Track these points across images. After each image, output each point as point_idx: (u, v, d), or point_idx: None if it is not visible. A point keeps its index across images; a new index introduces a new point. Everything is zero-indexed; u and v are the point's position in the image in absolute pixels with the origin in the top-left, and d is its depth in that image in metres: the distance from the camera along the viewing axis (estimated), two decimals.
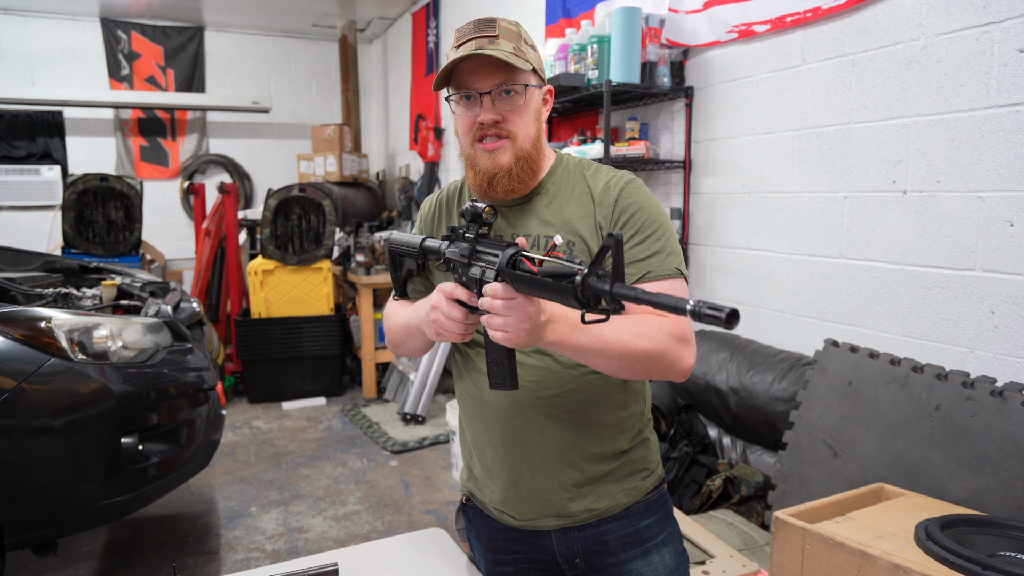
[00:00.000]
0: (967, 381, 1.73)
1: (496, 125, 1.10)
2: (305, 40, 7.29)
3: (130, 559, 2.80)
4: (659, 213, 1.14)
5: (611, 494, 1.18)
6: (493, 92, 1.09)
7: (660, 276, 1.08)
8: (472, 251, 1.01)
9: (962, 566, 1.30)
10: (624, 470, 1.20)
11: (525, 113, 1.11)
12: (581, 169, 1.19)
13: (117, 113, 6.67)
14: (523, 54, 1.10)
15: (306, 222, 5.03)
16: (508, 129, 1.10)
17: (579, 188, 1.17)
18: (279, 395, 4.98)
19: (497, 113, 1.09)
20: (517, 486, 1.18)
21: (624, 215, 1.11)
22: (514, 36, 1.11)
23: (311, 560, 1.30)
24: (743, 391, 2.41)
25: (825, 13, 2.24)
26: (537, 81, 1.13)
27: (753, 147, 2.60)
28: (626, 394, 1.18)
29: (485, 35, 1.09)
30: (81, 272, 3.49)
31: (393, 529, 3.09)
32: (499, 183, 1.12)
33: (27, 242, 5.59)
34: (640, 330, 1.00)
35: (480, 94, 1.09)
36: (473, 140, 1.12)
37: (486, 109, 1.09)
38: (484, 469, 1.24)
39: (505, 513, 1.21)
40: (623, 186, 1.14)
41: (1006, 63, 1.76)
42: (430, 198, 1.33)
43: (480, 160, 1.12)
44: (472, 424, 1.25)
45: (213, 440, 2.76)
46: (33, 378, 2.18)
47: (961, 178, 1.89)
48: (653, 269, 1.09)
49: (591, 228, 1.13)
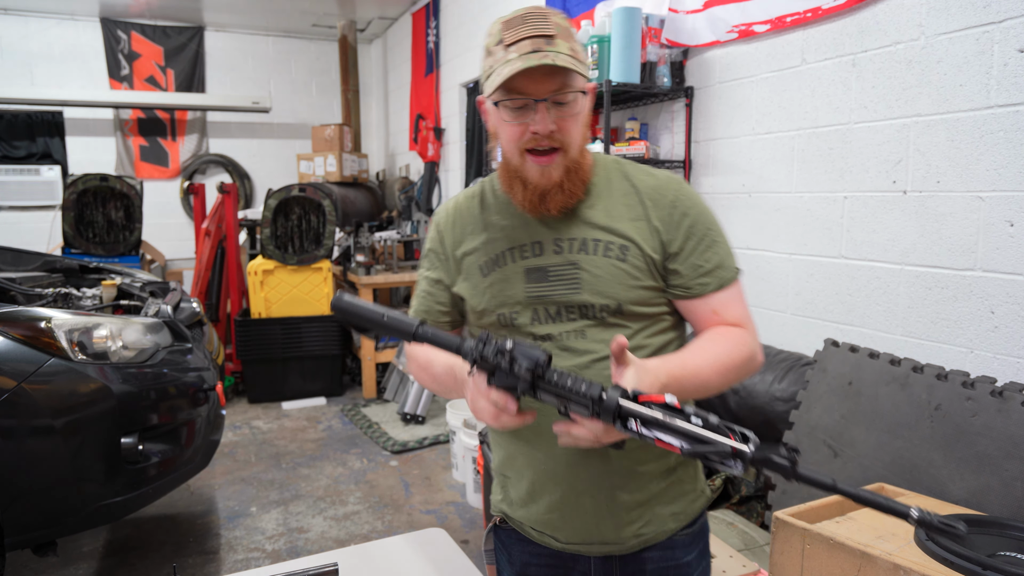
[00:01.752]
0: (967, 381, 1.73)
1: (551, 136, 1.01)
2: (305, 40, 7.29)
3: (130, 559, 2.80)
4: (711, 215, 1.11)
5: (660, 518, 1.12)
6: (549, 99, 0.99)
7: (729, 282, 1.08)
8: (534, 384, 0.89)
9: (962, 566, 1.30)
10: (673, 491, 1.13)
11: (579, 120, 1.04)
12: (619, 167, 1.13)
13: (117, 113, 6.67)
14: (578, 55, 1.01)
15: (306, 222, 5.03)
16: (561, 139, 1.02)
17: (621, 187, 1.10)
18: (279, 395, 4.98)
19: (553, 122, 1.00)
20: (562, 508, 1.11)
21: (686, 220, 1.07)
22: (568, 33, 1.01)
23: (311, 560, 1.30)
24: (743, 391, 2.41)
25: (825, 13, 2.24)
26: (585, 81, 1.04)
27: (753, 147, 2.60)
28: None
29: (541, 34, 0.98)
30: (81, 272, 3.49)
31: (393, 529, 3.09)
32: (552, 199, 1.05)
33: (27, 242, 5.58)
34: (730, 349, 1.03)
35: (535, 101, 0.99)
36: (521, 150, 1.03)
37: (542, 119, 1.00)
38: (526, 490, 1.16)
39: (547, 535, 1.14)
40: (677, 188, 1.10)
41: (1006, 63, 1.76)
42: (445, 211, 1.22)
43: (530, 174, 1.04)
44: (511, 444, 1.17)
45: (213, 440, 2.76)
46: (33, 378, 2.18)
47: (961, 178, 1.89)
48: (724, 276, 1.08)
49: (644, 231, 1.07)
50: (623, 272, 1.05)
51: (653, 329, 1.09)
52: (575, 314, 1.06)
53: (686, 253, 1.07)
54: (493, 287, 1.10)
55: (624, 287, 1.05)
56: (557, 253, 1.08)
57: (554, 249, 1.08)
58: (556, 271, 1.07)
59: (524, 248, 1.10)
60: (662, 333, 1.10)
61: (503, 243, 1.11)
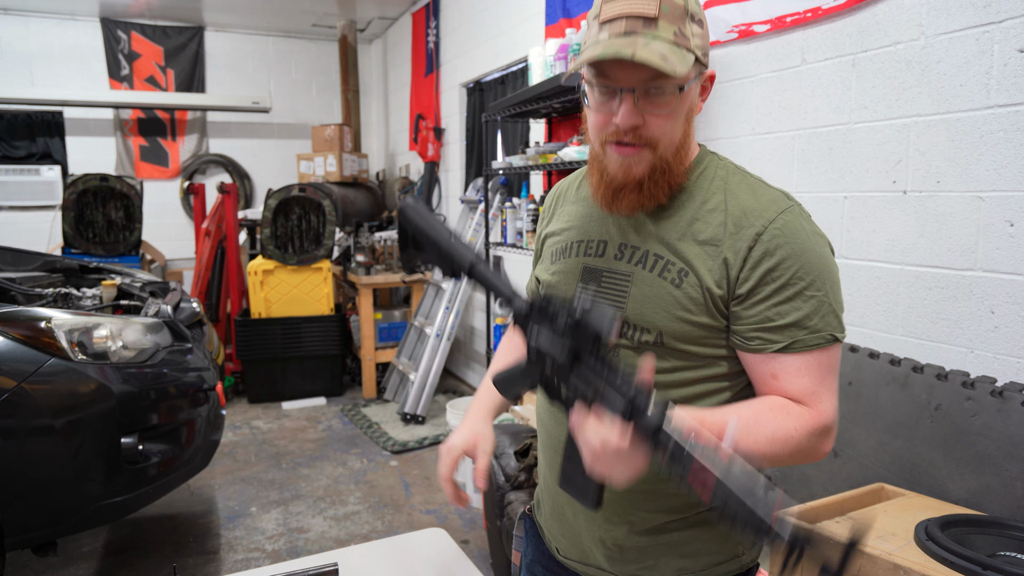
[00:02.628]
0: (967, 381, 1.73)
1: (634, 131, 0.88)
2: (305, 40, 7.29)
3: (130, 559, 2.80)
4: (816, 258, 0.88)
5: (665, 567, 0.98)
6: (638, 90, 0.86)
7: (808, 347, 0.87)
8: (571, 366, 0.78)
9: (962, 566, 1.30)
10: (688, 547, 0.98)
11: (674, 116, 0.88)
12: (726, 175, 0.95)
13: (117, 113, 6.67)
14: (686, 41, 0.85)
15: (306, 222, 5.03)
16: (649, 136, 0.88)
17: (714, 202, 0.92)
18: (279, 395, 4.98)
19: (639, 116, 0.87)
20: (560, 520, 1.07)
21: (768, 260, 0.87)
22: (679, 14, 0.85)
23: (311, 560, 1.29)
24: None
25: (825, 13, 2.24)
26: (697, 70, 0.89)
27: (753, 147, 2.60)
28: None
29: (639, 15, 0.83)
30: (81, 272, 3.49)
31: (393, 529, 3.08)
32: (625, 197, 0.92)
33: (27, 242, 5.58)
34: (775, 433, 0.83)
35: (622, 91, 0.86)
36: (604, 141, 0.91)
37: (626, 111, 0.86)
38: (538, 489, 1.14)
39: (552, 544, 1.11)
40: (772, 218, 0.88)
41: (1006, 63, 1.76)
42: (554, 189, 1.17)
43: (610, 163, 0.91)
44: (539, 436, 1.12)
45: (213, 440, 2.76)
46: (33, 378, 2.18)
47: (961, 178, 1.89)
48: (800, 338, 0.87)
49: (710, 262, 0.89)
50: (674, 300, 0.90)
51: (699, 373, 0.93)
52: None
53: (757, 299, 0.88)
54: (554, 276, 1.03)
55: (670, 317, 0.90)
56: (617, 259, 0.96)
57: (616, 254, 0.97)
58: (610, 278, 0.96)
59: (590, 244, 1.00)
60: (710, 381, 0.93)
61: (575, 233, 1.03)
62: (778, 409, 0.86)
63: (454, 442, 1.10)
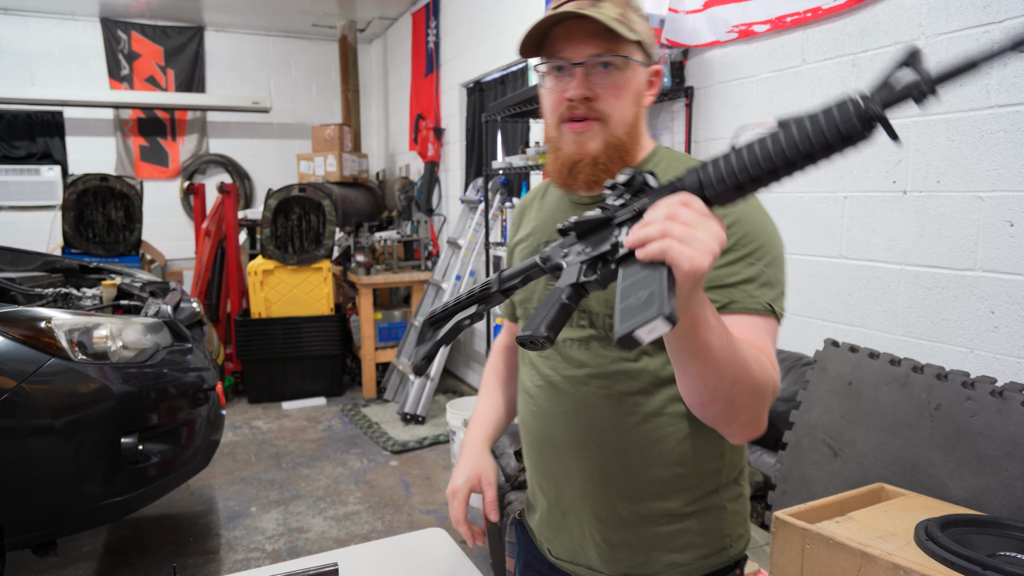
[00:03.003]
0: (967, 381, 1.73)
1: (586, 103, 0.92)
2: (305, 40, 7.29)
3: (130, 559, 2.80)
4: (764, 231, 0.92)
5: (655, 562, 0.99)
6: (588, 63, 0.90)
7: (745, 309, 0.88)
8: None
9: (962, 566, 1.30)
10: (678, 540, 0.99)
11: (623, 92, 0.92)
12: (681, 163, 1.00)
13: (117, 113, 6.67)
14: (630, 23, 0.91)
15: (306, 222, 5.03)
16: (600, 109, 0.92)
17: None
18: (279, 395, 4.98)
19: (589, 89, 0.91)
20: (550, 521, 1.08)
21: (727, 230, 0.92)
22: (622, 1, 0.92)
23: (311, 560, 1.29)
24: None
25: (825, 13, 2.24)
26: (643, 57, 0.94)
27: None
28: (689, 447, 0.97)
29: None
30: (81, 272, 3.49)
31: (393, 529, 3.09)
32: (581, 172, 0.95)
33: (27, 242, 5.58)
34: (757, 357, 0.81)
35: (572, 64, 0.91)
36: (559, 120, 0.95)
37: (577, 83, 0.91)
38: (528, 493, 1.15)
39: (544, 545, 1.12)
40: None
41: (1006, 63, 1.76)
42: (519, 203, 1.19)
43: (565, 143, 0.95)
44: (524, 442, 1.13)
45: (213, 440, 2.76)
46: (33, 378, 2.18)
47: (961, 178, 1.89)
48: (738, 299, 0.88)
49: None
50: None
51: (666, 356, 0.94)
52: (584, 320, 0.98)
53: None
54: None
55: None
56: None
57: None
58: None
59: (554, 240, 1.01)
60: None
61: (541, 235, 1.06)
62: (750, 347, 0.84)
63: (458, 484, 1.12)
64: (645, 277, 0.63)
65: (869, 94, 0.59)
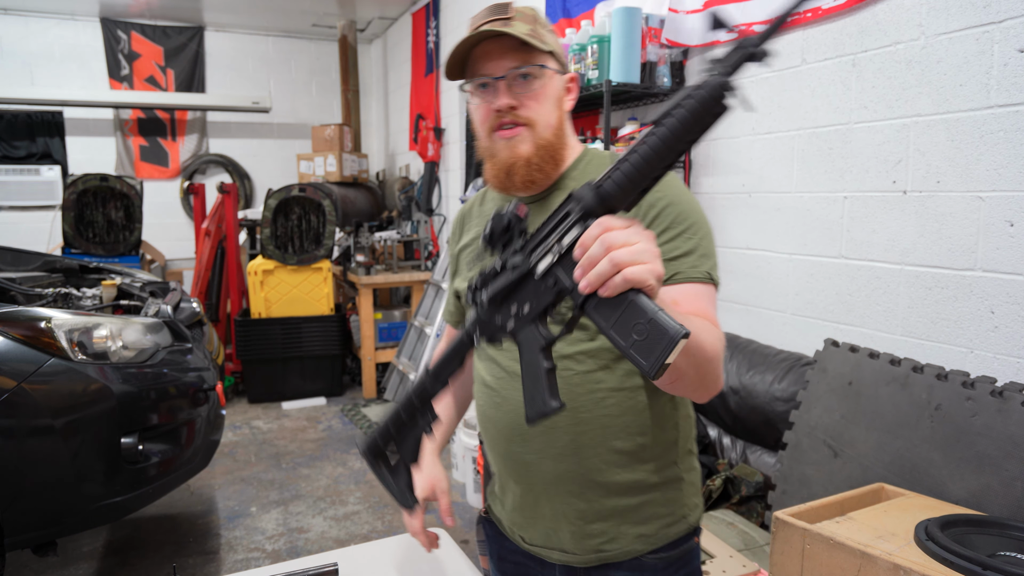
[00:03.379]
0: (967, 381, 1.73)
1: (512, 111, 1.01)
2: (305, 40, 7.29)
3: (130, 559, 2.80)
4: (693, 209, 1.03)
5: (625, 537, 1.06)
6: (508, 76, 1.00)
7: (688, 279, 0.97)
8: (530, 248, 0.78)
9: (962, 566, 1.30)
10: (644, 512, 1.06)
11: (543, 98, 1.02)
12: (608, 161, 1.09)
13: (117, 113, 6.67)
14: (540, 36, 1.01)
15: (306, 222, 5.03)
16: (526, 116, 1.01)
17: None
18: (279, 395, 4.98)
19: (513, 98, 1.01)
20: (522, 509, 1.12)
21: (654, 208, 1.00)
22: (530, 19, 1.03)
23: (311, 560, 1.30)
24: (743, 391, 2.41)
25: (825, 13, 2.24)
26: (556, 66, 1.04)
27: (753, 147, 2.60)
28: (648, 418, 1.04)
29: (498, 18, 1.01)
30: (81, 272, 3.49)
31: (393, 529, 3.09)
32: (517, 173, 1.03)
33: (27, 242, 5.58)
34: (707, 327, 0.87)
35: (495, 79, 1.01)
36: (490, 130, 1.04)
37: (501, 94, 1.01)
38: (498, 485, 1.19)
39: (516, 533, 1.16)
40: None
41: (1006, 63, 1.76)
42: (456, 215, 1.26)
43: (498, 149, 1.04)
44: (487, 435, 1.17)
45: (213, 440, 2.76)
46: (33, 378, 2.18)
47: (961, 178, 1.89)
48: (682, 271, 0.97)
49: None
50: None
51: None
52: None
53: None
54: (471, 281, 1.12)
55: None
56: None
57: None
58: None
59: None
60: None
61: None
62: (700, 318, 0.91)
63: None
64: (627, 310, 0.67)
65: (715, 68, 0.65)
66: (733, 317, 2.76)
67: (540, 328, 0.78)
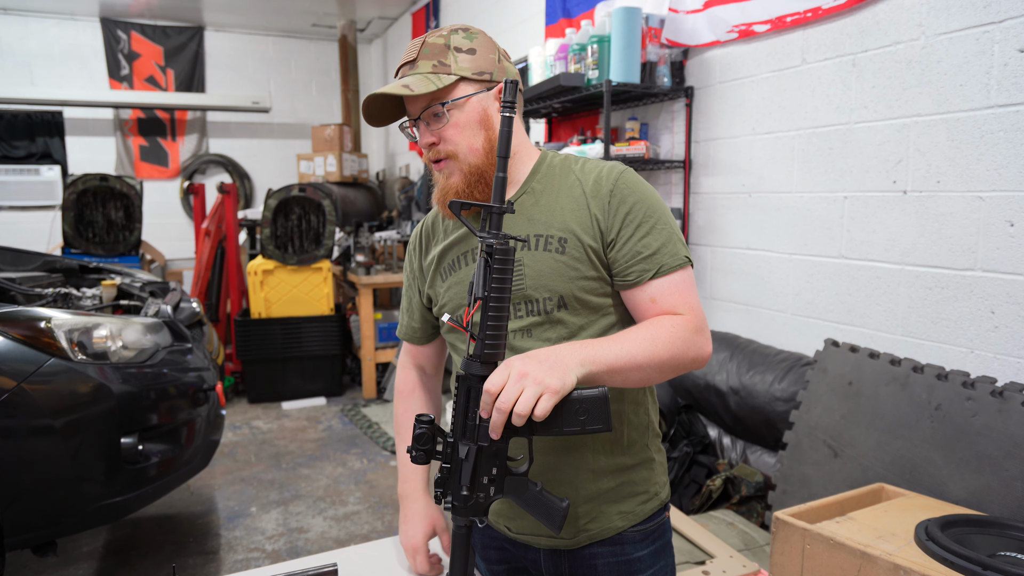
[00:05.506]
0: (967, 381, 1.73)
1: (434, 148, 1.08)
2: (305, 40, 7.29)
3: (130, 559, 2.80)
4: (656, 201, 1.10)
5: (607, 516, 1.13)
6: (424, 115, 1.07)
7: (671, 269, 1.05)
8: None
9: (962, 566, 1.30)
10: (623, 491, 1.14)
11: (462, 127, 1.06)
12: (569, 164, 1.14)
13: (117, 113, 6.67)
14: (446, 68, 1.05)
15: (306, 222, 5.03)
16: (447, 150, 1.07)
17: (568, 182, 1.11)
18: (279, 395, 4.98)
19: (432, 135, 1.07)
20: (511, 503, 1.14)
21: (623, 207, 1.06)
22: (438, 51, 1.06)
23: (311, 560, 1.29)
24: (743, 391, 2.41)
25: (825, 13, 2.24)
26: (473, 87, 1.07)
27: (753, 147, 2.60)
28: (623, 404, 1.13)
29: (406, 61, 1.08)
30: (81, 272, 3.49)
31: (393, 529, 3.08)
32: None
33: (27, 242, 5.58)
34: (656, 334, 0.99)
35: (414, 121, 1.09)
36: (429, 162, 1.12)
37: (423, 132, 1.08)
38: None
39: (500, 523, 1.20)
40: (616, 177, 1.09)
41: (1006, 63, 1.76)
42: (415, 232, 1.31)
43: (437, 179, 1.12)
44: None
45: (213, 440, 2.76)
46: (33, 378, 2.18)
47: (961, 178, 1.89)
48: (665, 262, 1.05)
49: (585, 221, 1.07)
50: (563, 264, 1.06)
51: (601, 324, 1.09)
52: (522, 311, 1.08)
53: (623, 240, 1.05)
54: (450, 290, 1.16)
55: (564, 279, 1.05)
56: None
57: None
58: None
59: (474, 251, 1.13)
60: (611, 328, 1.09)
61: (457, 249, 1.17)
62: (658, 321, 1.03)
63: (416, 540, 1.22)
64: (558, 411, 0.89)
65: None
66: (733, 317, 2.77)
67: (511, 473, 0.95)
